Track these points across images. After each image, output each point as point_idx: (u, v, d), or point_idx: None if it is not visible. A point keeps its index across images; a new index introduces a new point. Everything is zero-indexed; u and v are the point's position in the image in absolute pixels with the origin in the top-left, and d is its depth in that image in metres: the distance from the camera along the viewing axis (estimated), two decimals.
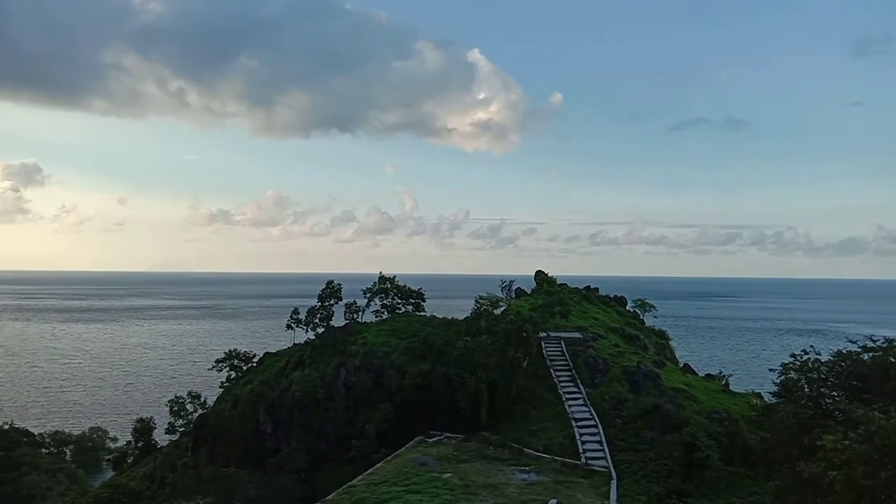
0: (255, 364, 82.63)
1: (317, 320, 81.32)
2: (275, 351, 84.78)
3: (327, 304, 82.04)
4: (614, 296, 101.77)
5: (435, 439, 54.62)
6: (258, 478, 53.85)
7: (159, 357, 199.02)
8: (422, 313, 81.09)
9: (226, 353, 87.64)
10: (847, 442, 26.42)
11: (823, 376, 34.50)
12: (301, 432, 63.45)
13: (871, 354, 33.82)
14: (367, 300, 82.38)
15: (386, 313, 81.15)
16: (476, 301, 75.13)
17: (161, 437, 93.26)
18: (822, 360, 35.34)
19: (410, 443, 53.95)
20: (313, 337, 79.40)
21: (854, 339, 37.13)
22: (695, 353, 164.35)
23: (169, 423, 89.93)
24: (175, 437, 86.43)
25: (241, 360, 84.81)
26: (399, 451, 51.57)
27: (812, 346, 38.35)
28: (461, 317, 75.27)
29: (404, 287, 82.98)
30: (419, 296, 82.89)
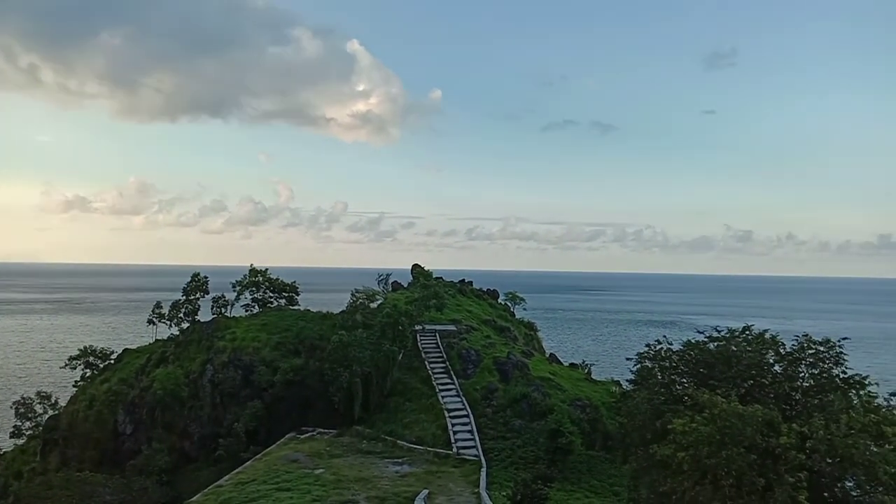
0: (113, 361, 77.51)
1: (181, 315, 77.51)
2: (135, 347, 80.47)
3: (193, 297, 78.38)
4: (487, 289, 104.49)
5: (307, 435, 53.80)
6: (116, 482, 50.47)
7: (4, 356, 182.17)
8: (295, 307, 79.32)
9: (80, 349, 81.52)
10: (694, 425, 28.61)
11: (674, 364, 37.06)
12: (164, 432, 60.40)
13: (715, 344, 36.66)
14: (236, 294, 79.35)
15: (257, 307, 78.61)
16: (352, 294, 74.51)
17: (4, 443, 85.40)
18: (674, 350, 37.90)
19: (281, 440, 52.83)
20: (177, 333, 75.72)
21: (701, 330, 40.29)
22: (562, 343, 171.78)
23: (14, 427, 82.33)
24: (21, 442, 79.46)
25: (97, 357, 79.15)
26: (269, 449, 50.33)
27: (665, 337, 41.11)
28: (337, 311, 74.49)
29: (277, 280, 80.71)
30: (292, 289, 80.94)
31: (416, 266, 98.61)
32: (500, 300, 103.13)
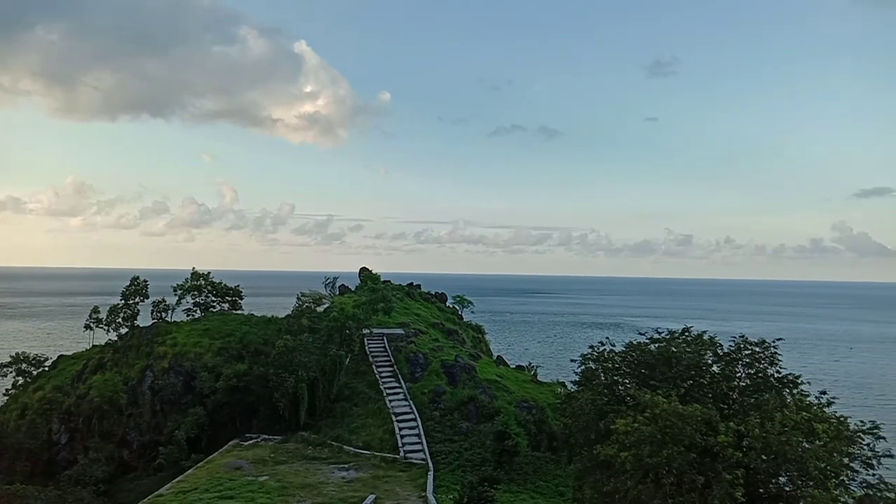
0: (47, 368, 74.54)
1: (120, 320, 75.01)
2: (71, 354, 77.73)
3: (132, 302, 75.97)
4: (436, 292, 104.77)
5: (251, 442, 52.85)
6: (50, 493, 48.45)
7: None
8: (239, 312, 77.90)
9: (12, 356, 78.03)
10: (636, 425, 29.16)
11: (617, 365, 37.72)
12: (101, 441, 58.51)
13: (656, 345, 37.50)
14: (177, 298, 77.36)
15: (199, 312, 76.85)
16: (298, 298, 73.63)
17: None
18: (616, 351, 38.61)
19: (224, 447, 51.71)
20: (116, 338, 73.35)
21: (643, 332, 41.14)
22: (510, 346, 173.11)
23: None
24: None
25: (30, 363, 75.86)
26: (212, 457, 49.21)
27: (608, 339, 41.84)
28: (282, 315, 73.49)
29: (220, 284, 79.09)
30: (236, 293, 79.45)
31: (363, 269, 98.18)
32: (448, 303, 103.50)
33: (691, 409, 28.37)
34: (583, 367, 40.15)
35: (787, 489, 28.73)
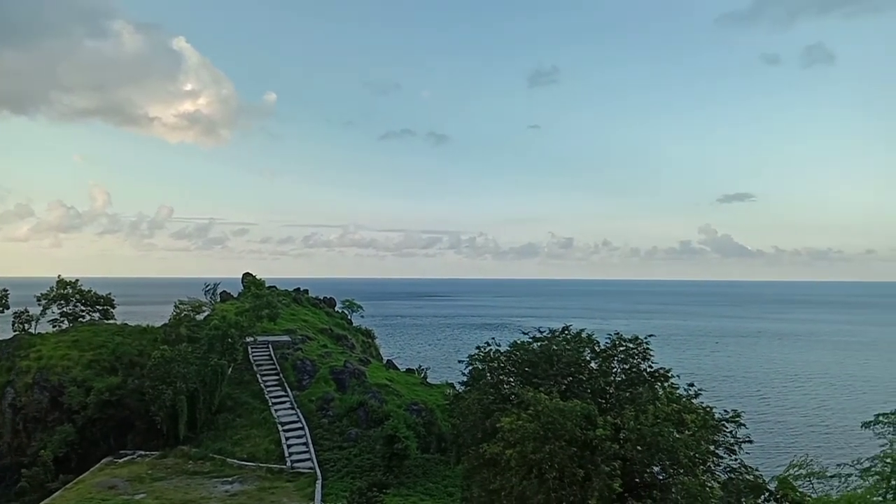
0: None
1: None
2: None
3: None
4: (324, 297, 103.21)
5: (126, 459, 50.06)
6: None
7: None
8: (111, 321, 73.26)
9: None
10: (520, 422, 29.98)
11: (502, 365, 38.69)
12: None
13: (539, 344, 38.80)
14: (42, 308, 71.75)
15: (66, 323, 71.62)
16: (176, 306, 70.22)
17: None
18: (502, 351, 39.61)
19: (96, 465, 48.65)
20: None
21: (526, 331, 42.40)
22: (402, 349, 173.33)
23: None
24: None
25: None
26: (82, 476, 46.16)
27: (494, 339, 42.85)
28: (159, 324, 69.93)
29: (89, 292, 74.05)
30: (108, 302, 74.68)
31: (247, 275, 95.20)
32: (337, 308, 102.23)
33: (571, 405, 29.48)
34: (470, 367, 40.88)
35: (661, 477, 30.39)
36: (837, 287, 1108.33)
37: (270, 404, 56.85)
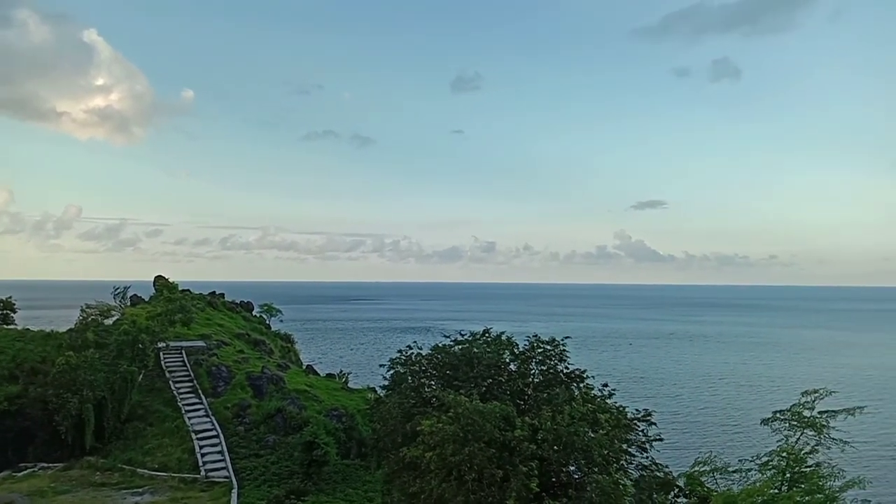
0: None
1: None
2: None
3: None
4: (241, 301, 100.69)
5: (26, 472, 47.40)
6: None
7: None
8: (11, 326, 69.08)
9: None
10: (440, 425, 30.09)
11: (424, 368, 38.69)
12: None
13: (460, 346, 39.07)
14: None
15: None
16: (83, 310, 66.91)
17: None
18: (423, 354, 39.64)
19: None
20: None
21: (448, 335, 42.60)
22: (324, 354, 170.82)
23: None
24: None
25: None
26: None
27: (416, 342, 42.83)
28: (64, 329, 66.42)
29: None
30: (7, 305, 70.65)
31: (159, 278, 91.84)
32: (254, 312, 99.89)
33: (491, 407, 29.82)
34: (391, 371, 40.66)
35: (576, 476, 31.17)
36: (743, 291, 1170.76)
37: (184, 412, 54.93)
